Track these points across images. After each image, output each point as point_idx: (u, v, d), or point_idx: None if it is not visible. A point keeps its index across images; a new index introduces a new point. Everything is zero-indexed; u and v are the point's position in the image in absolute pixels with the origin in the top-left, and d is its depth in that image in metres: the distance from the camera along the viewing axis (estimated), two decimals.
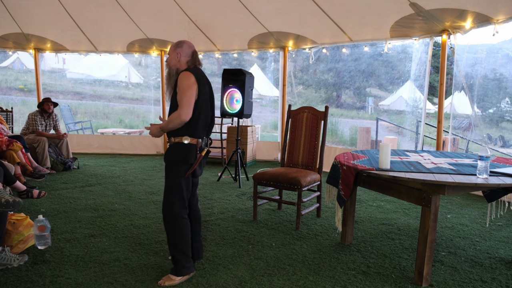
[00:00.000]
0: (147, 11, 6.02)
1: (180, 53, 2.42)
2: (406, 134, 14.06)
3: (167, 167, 2.38)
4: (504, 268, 2.62)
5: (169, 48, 2.52)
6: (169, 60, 2.46)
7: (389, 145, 2.51)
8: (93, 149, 7.17)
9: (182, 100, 2.25)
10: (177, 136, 2.33)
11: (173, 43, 2.51)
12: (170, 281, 2.30)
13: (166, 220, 2.36)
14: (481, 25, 4.29)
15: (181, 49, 2.42)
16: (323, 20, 5.26)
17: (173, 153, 2.35)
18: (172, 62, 2.43)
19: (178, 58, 2.41)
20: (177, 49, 2.42)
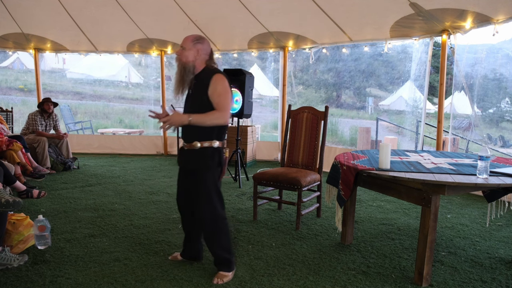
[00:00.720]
0: (147, 11, 6.02)
1: (200, 50, 2.30)
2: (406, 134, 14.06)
3: (200, 174, 2.29)
4: (504, 268, 2.62)
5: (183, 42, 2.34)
6: (185, 54, 2.29)
7: (389, 145, 2.51)
8: (93, 149, 7.17)
9: (223, 103, 2.20)
10: (205, 141, 2.26)
11: (189, 37, 2.34)
12: (226, 277, 2.36)
13: (211, 224, 2.32)
14: (481, 25, 4.29)
15: (202, 46, 2.31)
16: (323, 20, 5.26)
17: (206, 158, 2.27)
18: (190, 58, 2.29)
19: (198, 55, 2.30)
20: (197, 45, 2.30)
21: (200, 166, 2.29)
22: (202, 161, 2.28)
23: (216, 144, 2.28)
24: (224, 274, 2.37)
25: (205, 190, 2.29)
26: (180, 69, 2.31)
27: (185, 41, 2.34)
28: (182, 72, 2.30)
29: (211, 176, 2.30)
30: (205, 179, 2.29)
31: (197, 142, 2.27)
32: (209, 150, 2.28)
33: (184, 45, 2.33)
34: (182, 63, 2.31)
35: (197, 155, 2.29)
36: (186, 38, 2.35)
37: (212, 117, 2.20)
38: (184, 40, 2.36)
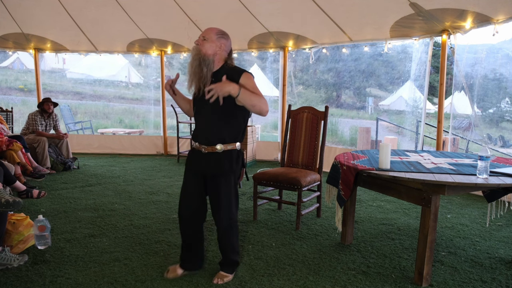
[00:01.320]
0: (147, 11, 6.02)
1: (223, 46, 2.16)
2: (406, 134, 14.05)
3: (226, 177, 2.17)
4: (504, 268, 2.62)
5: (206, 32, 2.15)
6: (206, 47, 2.12)
7: (389, 145, 2.51)
8: (93, 149, 7.17)
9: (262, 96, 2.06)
10: (231, 143, 2.15)
11: (213, 29, 2.18)
12: (227, 278, 2.35)
13: (228, 228, 2.26)
14: (481, 25, 4.29)
15: (226, 41, 2.18)
16: (323, 20, 5.26)
17: (232, 161, 2.17)
18: (210, 51, 2.12)
19: (219, 50, 2.15)
20: (221, 39, 2.16)
21: (226, 170, 2.16)
22: (227, 165, 2.16)
23: (238, 146, 2.20)
24: (225, 275, 2.36)
25: (227, 195, 2.20)
26: (198, 61, 2.12)
27: (209, 32, 2.17)
28: (201, 64, 2.11)
29: (234, 180, 2.21)
30: (228, 183, 2.19)
31: (220, 145, 2.13)
32: (233, 153, 2.17)
33: (206, 35, 2.15)
34: (201, 55, 2.12)
35: (221, 159, 2.15)
36: (210, 30, 2.19)
37: (261, 100, 2.01)
38: (207, 30, 2.18)
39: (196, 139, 2.22)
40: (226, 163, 2.16)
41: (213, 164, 2.17)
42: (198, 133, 2.22)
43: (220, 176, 2.18)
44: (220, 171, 2.17)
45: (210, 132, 2.15)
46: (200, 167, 2.23)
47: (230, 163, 2.17)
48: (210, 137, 2.15)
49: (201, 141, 2.18)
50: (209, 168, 2.19)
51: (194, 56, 2.14)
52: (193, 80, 2.15)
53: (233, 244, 2.35)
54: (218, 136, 2.14)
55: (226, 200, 2.21)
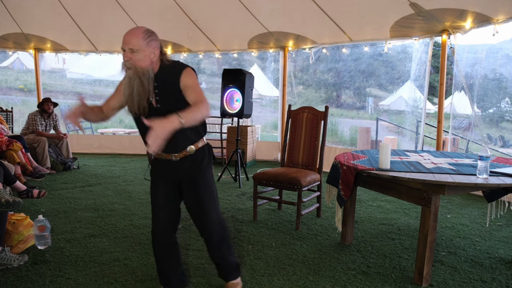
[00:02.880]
0: (147, 11, 6.02)
1: (156, 49, 1.84)
2: (406, 134, 14.06)
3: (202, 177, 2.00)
4: (504, 268, 2.62)
5: (129, 40, 1.78)
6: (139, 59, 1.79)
7: (389, 145, 2.51)
8: (93, 149, 7.17)
9: (201, 95, 1.79)
10: (198, 141, 1.97)
11: (136, 33, 1.79)
12: (239, 285, 2.22)
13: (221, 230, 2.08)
14: (481, 25, 4.29)
15: (156, 43, 1.86)
16: (323, 20, 5.26)
17: (204, 158, 2.01)
18: (146, 62, 1.80)
19: (154, 57, 1.84)
20: (151, 43, 1.83)
21: (202, 169, 2.00)
22: (203, 163, 2.00)
23: (205, 139, 2.03)
24: (235, 283, 2.21)
25: (207, 193, 2.02)
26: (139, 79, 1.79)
27: (135, 39, 1.78)
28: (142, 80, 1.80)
29: (211, 176, 2.06)
30: (206, 180, 2.02)
31: (191, 147, 1.95)
32: (205, 148, 2.02)
33: (134, 46, 1.78)
34: (139, 71, 1.79)
35: (195, 159, 1.98)
36: (133, 35, 1.79)
37: (201, 109, 1.72)
38: (131, 37, 1.78)
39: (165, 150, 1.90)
40: (201, 160, 2.00)
41: (188, 166, 1.97)
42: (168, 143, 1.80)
43: (198, 176, 2.00)
44: (198, 171, 1.99)
45: (175, 138, 1.81)
46: (175, 175, 2.01)
47: (205, 158, 2.01)
48: (178, 143, 1.91)
49: (167, 150, 1.92)
50: (185, 172, 1.98)
51: (131, 75, 1.80)
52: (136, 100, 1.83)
53: (229, 246, 2.16)
54: (185, 139, 1.93)
55: (209, 199, 2.02)
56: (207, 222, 2.05)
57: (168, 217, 2.07)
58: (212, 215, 2.04)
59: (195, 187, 2.01)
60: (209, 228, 2.06)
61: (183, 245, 2.90)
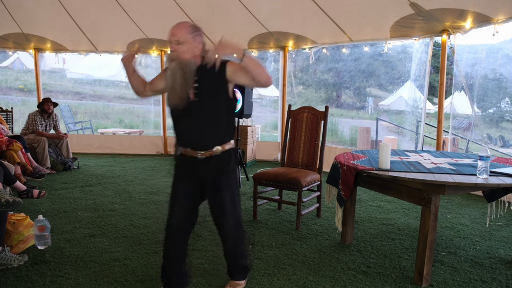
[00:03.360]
0: (147, 11, 6.02)
1: (200, 45, 1.90)
2: (406, 134, 14.05)
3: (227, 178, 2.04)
4: (504, 268, 2.62)
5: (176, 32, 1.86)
6: (184, 51, 1.85)
7: (389, 145, 2.51)
8: (93, 149, 7.17)
9: None
10: (227, 142, 2.00)
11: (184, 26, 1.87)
12: (240, 286, 2.24)
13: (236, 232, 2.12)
14: (481, 25, 4.29)
15: (202, 38, 1.91)
16: (323, 20, 5.26)
17: (230, 161, 2.04)
18: (190, 54, 1.86)
19: (198, 50, 1.89)
20: (197, 38, 1.89)
21: (228, 171, 2.03)
22: (228, 166, 2.03)
23: (233, 142, 2.06)
24: (238, 283, 2.24)
25: (230, 196, 2.05)
26: (182, 71, 1.85)
27: (181, 32, 1.86)
28: (185, 72, 1.86)
29: (235, 179, 2.10)
30: (230, 183, 2.06)
31: (218, 147, 1.96)
32: (231, 151, 2.04)
33: (180, 37, 1.85)
34: (182, 63, 1.86)
35: (220, 161, 1.99)
36: (181, 29, 1.87)
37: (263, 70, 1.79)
38: (178, 30, 1.87)
39: (187, 145, 1.99)
40: (227, 163, 2.02)
41: (213, 166, 1.99)
42: (189, 139, 1.99)
43: (221, 177, 2.03)
44: (222, 172, 2.02)
45: (205, 136, 1.94)
46: (198, 173, 2.02)
47: (229, 163, 2.03)
48: (206, 142, 1.96)
49: (195, 147, 1.96)
50: (209, 172, 2.01)
51: (175, 67, 1.87)
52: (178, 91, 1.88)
53: (243, 249, 2.21)
54: (214, 139, 1.97)
55: (232, 202, 2.05)
56: (226, 223, 2.09)
57: (184, 215, 2.08)
58: (231, 217, 2.08)
59: (218, 188, 2.03)
60: (227, 230, 2.11)
61: None
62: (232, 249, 2.17)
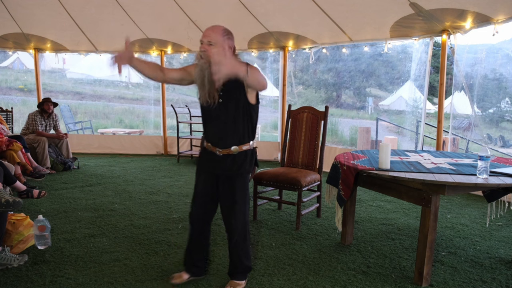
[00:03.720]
0: (147, 11, 6.02)
1: (230, 49, 1.98)
2: (406, 134, 14.06)
3: (240, 178, 2.12)
4: (504, 268, 2.62)
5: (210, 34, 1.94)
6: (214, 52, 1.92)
7: (389, 145, 2.51)
8: (93, 149, 7.16)
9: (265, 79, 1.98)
10: (246, 143, 2.10)
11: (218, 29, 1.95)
12: (240, 286, 2.25)
13: (242, 231, 2.17)
14: (481, 25, 4.29)
15: (232, 42, 1.99)
16: (323, 20, 5.26)
17: (245, 162, 2.11)
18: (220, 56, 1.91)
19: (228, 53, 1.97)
20: (228, 41, 1.96)
21: (241, 171, 2.11)
22: (243, 166, 2.11)
23: (252, 144, 2.14)
24: (238, 283, 2.26)
25: (241, 196, 2.14)
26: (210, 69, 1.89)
27: (214, 34, 1.95)
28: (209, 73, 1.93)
29: (247, 180, 2.17)
30: (243, 184, 2.14)
31: (235, 147, 2.08)
32: (248, 152, 2.12)
33: (212, 39, 1.94)
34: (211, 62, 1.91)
35: (235, 160, 2.10)
36: (215, 31, 1.96)
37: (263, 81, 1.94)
38: (213, 33, 1.95)
39: (209, 140, 2.15)
40: (241, 165, 2.11)
41: (229, 165, 2.10)
42: (212, 136, 2.13)
43: (235, 176, 2.12)
44: (236, 172, 2.11)
45: (227, 135, 2.08)
46: (214, 168, 2.15)
47: (245, 163, 2.12)
48: (226, 141, 2.09)
49: (216, 144, 2.11)
50: (224, 169, 2.12)
51: (204, 65, 1.97)
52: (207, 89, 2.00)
53: (247, 249, 2.25)
54: (234, 139, 2.09)
55: (241, 202, 2.13)
56: (233, 222, 2.17)
57: (204, 205, 2.24)
58: (239, 217, 2.16)
59: (231, 187, 2.13)
60: (234, 228, 2.18)
61: (183, 244, 2.90)
62: (237, 248, 2.23)
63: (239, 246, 2.22)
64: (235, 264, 2.26)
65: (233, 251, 2.25)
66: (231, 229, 2.19)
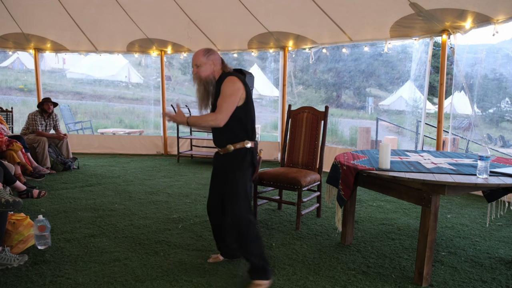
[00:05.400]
0: (147, 11, 6.02)
1: (214, 61, 2.35)
2: (406, 134, 14.06)
3: (232, 174, 2.33)
4: (504, 268, 2.62)
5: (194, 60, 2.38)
6: (202, 70, 2.33)
7: (389, 145, 2.51)
8: (93, 149, 7.17)
9: (222, 105, 2.23)
10: (237, 142, 2.33)
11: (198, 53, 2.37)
12: (261, 286, 2.26)
13: (240, 228, 2.28)
14: (481, 25, 4.29)
15: (214, 56, 2.36)
16: (323, 20, 5.26)
17: (240, 159, 2.33)
18: (208, 72, 2.34)
19: (214, 66, 2.35)
20: (210, 56, 2.34)
21: (232, 167, 2.34)
22: (234, 163, 2.34)
23: (248, 144, 2.34)
24: (259, 283, 2.26)
25: (234, 191, 2.32)
26: (203, 85, 2.34)
27: (197, 58, 2.36)
28: (205, 86, 2.35)
29: (242, 177, 2.33)
30: (235, 179, 2.32)
31: (230, 146, 2.34)
32: (242, 151, 2.34)
33: (197, 62, 2.35)
34: (203, 80, 2.35)
35: (230, 157, 2.36)
36: (196, 55, 2.37)
37: (207, 119, 2.27)
38: (195, 57, 2.38)
39: (214, 142, 2.48)
40: (234, 161, 2.35)
41: (224, 163, 2.39)
42: (214, 138, 2.46)
43: (227, 173, 2.36)
44: (227, 169, 2.36)
45: (221, 136, 2.38)
46: (218, 167, 2.48)
47: (237, 161, 2.34)
48: (222, 141, 2.37)
49: (217, 144, 2.43)
50: (223, 167, 2.41)
51: (198, 84, 2.36)
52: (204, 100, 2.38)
53: (247, 245, 2.29)
54: (227, 138, 2.35)
55: (230, 197, 2.32)
56: (227, 213, 2.33)
57: (213, 198, 2.53)
58: (232, 210, 2.30)
59: (225, 181, 2.38)
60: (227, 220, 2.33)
61: (183, 244, 2.90)
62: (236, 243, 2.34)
63: (238, 243, 2.32)
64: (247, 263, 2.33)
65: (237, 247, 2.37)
66: (226, 221, 2.35)
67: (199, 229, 3.23)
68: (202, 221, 3.45)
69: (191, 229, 3.24)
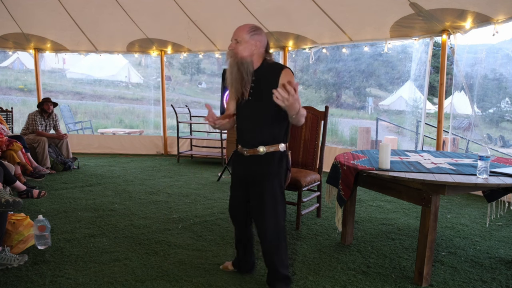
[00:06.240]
0: (147, 11, 6.02)
1: (258, 43, 2.00)
2: (406, 134, 14.06)
3: (264, 182, 2.04)
4: (504, 268, 2.62)
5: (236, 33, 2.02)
6: (241, 49, 1.99)
7: (389, 145, 2.51)
8: (93, 149, 7.16)
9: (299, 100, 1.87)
10: (273, 144, 2.04)
11: (244, 27, 2.02)
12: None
13: (273, 237, 2.08)
14: (481, 25, 4.29)
15: (261, 37, 2.01)
16: (323, 20, 5.26)
17: (276, 163, 2.05)
18: (246, 52, 1.98)
19: (256, 48, 2.00)
20: (255, 37, 2.00)
21: (267, 174, 2.04)
22: (269, 168, 2.05)
23: (282, 147, 2.07)
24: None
25: (272, 200, 2.05)
26: (237, 67, 2.00)
27: (239, 32, 2.02)
28: (240, 69, 2.00)
29: (278, 185, 2.07)
30: (272, 188, 2.05)
31: (262, 147, 2.04)
32: (276, 154, 2.05)
33: (238, 37, 2.02)
34: (238, 59, 2.00)
35: (262, 162, 2.05)
36: (240, 29, 2.03)
37: (304, 112, 1.93)
38: (238, 31, 2.03)
39: (239, 141, 2.15)
40: (268, 167, 2.05)
41: (255, 168, 2.07)
42: (241, 136, 2.13)
43: (262, 180, 2.06)
44: (263, 175, 2.06)
45: (254, 134, 2.06)
46: (242, 171, 2.17)
47: (272, 166, 2.05)
48: (254, 140, 2.06)
49: (244, 144, 2.11)
50: (251, 172, 2.10)
51: (231, 62, 2.03)
52: (235, 86, 2.04)
53: (282, 257, 2.13)
54: (261, 139, 2.05)
55: (271, 207, 2.05)
56: (263, 227, 2.11)
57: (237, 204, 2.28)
58: (270, 223, 2.08)
59: (260, 191, 2.07)
60: (264, 233, 2.11)
61: (183, 244, 2.90)
62: (269, 254, 2.14)
63: (269, 253, 2.13)
64: (272, 272, 2.17)
65: (266, 257, 2.16)
66: (261, 235, 2.12)
67: (199, 229, 3.23)
68: (202, 221, 3.45)
69: (191, 229, 3.23)
